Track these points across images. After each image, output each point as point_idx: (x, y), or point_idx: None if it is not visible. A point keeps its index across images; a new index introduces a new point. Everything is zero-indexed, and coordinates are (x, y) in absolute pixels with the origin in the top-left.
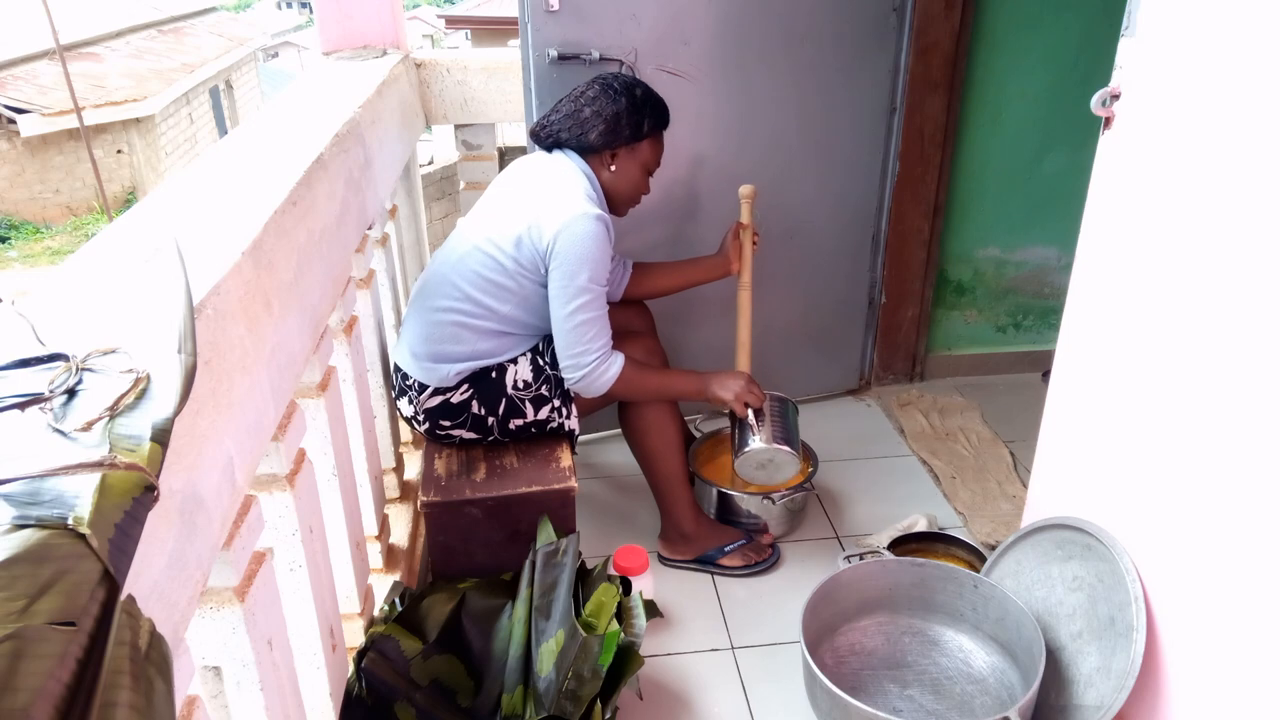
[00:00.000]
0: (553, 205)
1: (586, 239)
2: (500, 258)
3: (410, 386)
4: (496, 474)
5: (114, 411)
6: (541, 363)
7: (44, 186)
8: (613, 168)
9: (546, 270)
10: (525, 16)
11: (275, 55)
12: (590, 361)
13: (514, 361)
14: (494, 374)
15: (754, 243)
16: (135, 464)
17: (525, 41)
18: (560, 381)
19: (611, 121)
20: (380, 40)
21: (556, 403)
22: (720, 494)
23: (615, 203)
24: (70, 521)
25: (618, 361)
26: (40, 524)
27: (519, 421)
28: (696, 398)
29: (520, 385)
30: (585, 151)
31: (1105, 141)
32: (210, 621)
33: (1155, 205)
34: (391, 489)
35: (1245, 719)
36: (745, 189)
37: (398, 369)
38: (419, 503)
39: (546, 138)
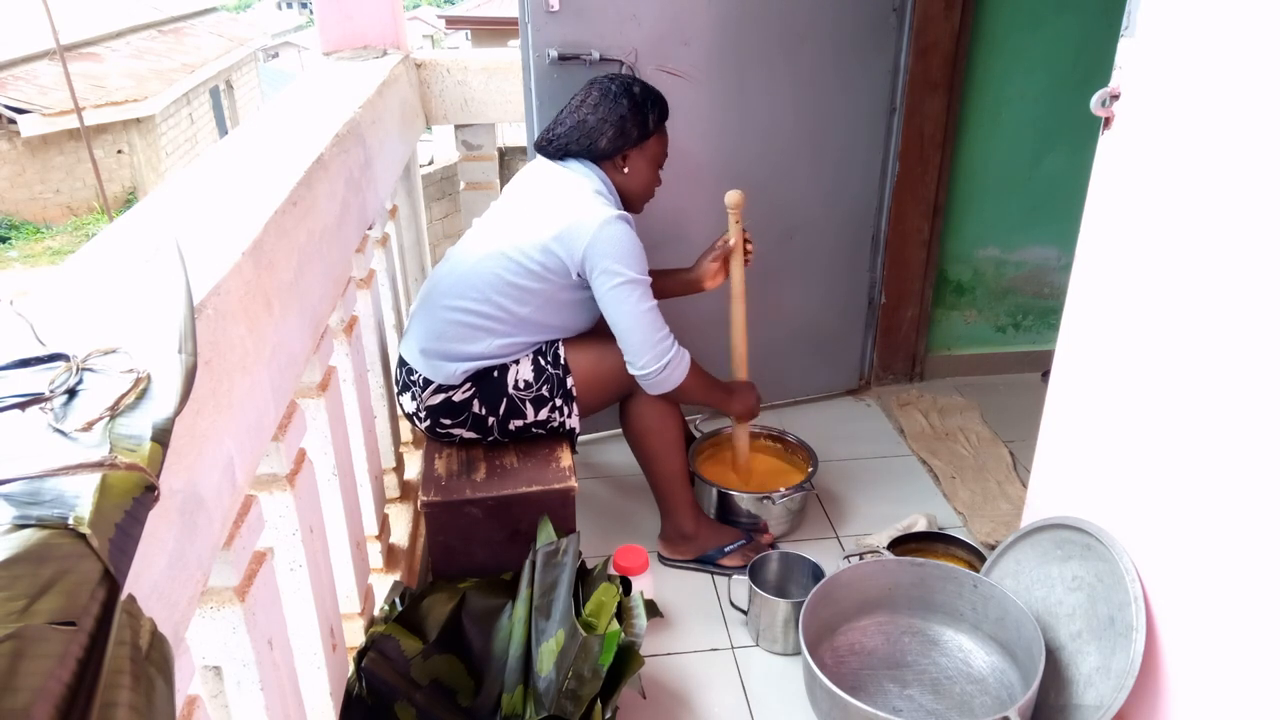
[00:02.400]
0: (578, 215)
1: (621, 238)
2: (525, 262)
3: (414, 382)
4: (496, 474)
5: (114, 411)
6: (543, 363)
7: (44, 186)
8: (625, 169)
9: (580, 276)
10: (525, 17)
11: (275, 55)
12: (672, 345)
13: (516, 362)
14: (496, 374)
15: (746, 255)
16: (136, 464)
17: (525, 42)
18: (560, 381)
19: (618, 125)
20: (380, 40)
21: (557, 402)
22: (720, 494)
23: (631, 201)
24: (71, 521)
25: (686, 352)
26: (41, 524)
27: (519, 422)
28: (719, 407)
29: (521, 385)
30: (597, 158)
31: (1105, 142)
32: (210, 621)
33: (1155, 205)
34: (392, 489)
35: (1245, 719)
36: (732, 197)
37: (403, 363)
38: (419, 502)
39: (555, 151)
